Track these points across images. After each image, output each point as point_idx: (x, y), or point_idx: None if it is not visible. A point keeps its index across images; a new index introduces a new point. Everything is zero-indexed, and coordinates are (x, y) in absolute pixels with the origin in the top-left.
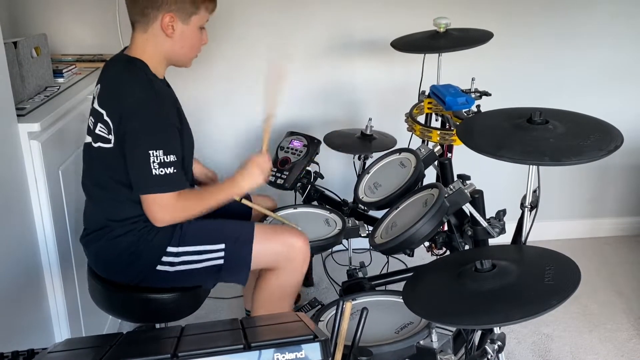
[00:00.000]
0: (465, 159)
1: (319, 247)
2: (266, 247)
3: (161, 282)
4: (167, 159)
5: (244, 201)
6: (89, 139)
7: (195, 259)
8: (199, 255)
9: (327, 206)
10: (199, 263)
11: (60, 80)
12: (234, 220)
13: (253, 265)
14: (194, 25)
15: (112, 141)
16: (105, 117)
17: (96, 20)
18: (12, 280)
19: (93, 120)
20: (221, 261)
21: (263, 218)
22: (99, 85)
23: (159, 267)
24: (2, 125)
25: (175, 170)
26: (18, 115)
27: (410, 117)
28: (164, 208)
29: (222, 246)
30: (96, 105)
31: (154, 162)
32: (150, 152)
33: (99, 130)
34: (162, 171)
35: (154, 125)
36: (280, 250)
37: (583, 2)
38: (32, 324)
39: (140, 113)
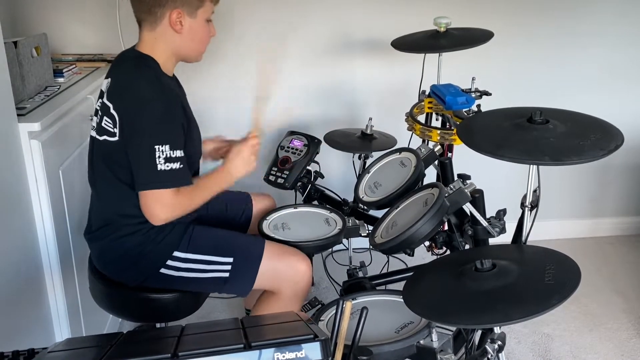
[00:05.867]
0: (465, 159)
1: (319, 247)
2: (272, 266)
3: (163, 285)
4: (173, 154)
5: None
6: (94, 133)
7: (201, 267)
8: (206, 265)
9: (327, 206)
10: (204, 272)
11: (61, 80)
12: (245, 235)
13: (256, 284)
14: (201, 18)
15: (117, 134)
16: (112, 111)
17: (96, 20)
18: (12, 279)
19: (100, 113)
20: (227, 274)
21: (262, 218)
22: (109, 79)
23: (163, 270)
24: (2, 125)
25: (181, 166)
26: (18, 115)
27: (411, 117)
28: (165, 205)
29: (231, 260)
30: (105, 99)
31: (159, 157)
32: (156, 147)
33: (105, 124)
34: (167, 166)
35: (160, 121)
36: (285, 273)
37: (584, 2)
38: (33, 324)
39: (146, 109)
